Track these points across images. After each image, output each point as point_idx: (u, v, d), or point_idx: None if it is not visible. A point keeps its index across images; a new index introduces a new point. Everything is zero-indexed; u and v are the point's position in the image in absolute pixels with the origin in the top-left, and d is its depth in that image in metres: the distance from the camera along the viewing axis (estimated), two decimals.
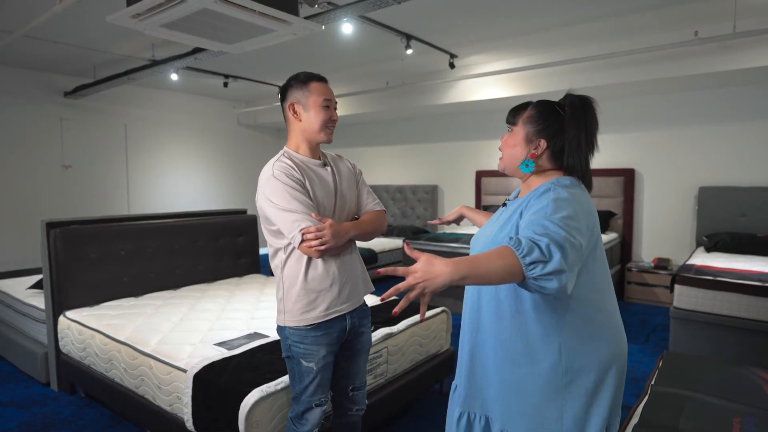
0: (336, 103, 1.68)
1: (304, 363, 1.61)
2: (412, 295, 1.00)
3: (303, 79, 1.63)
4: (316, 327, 1.60)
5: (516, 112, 1.35)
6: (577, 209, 1.17)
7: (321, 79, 1.65)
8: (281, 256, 1.63)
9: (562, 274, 1.02)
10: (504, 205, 1.39)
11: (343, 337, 1.68)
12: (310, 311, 1.59)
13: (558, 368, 1.22)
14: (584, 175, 1.29)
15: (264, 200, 1.57)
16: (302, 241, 1.50)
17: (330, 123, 1.63)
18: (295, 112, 1.63)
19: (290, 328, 1.61)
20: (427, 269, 0.99)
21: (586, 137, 1.27)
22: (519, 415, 1.27)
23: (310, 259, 1.58)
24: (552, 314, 1.21)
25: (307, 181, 1.60)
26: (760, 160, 4.50)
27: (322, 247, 1.50)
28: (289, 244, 1.58)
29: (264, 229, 1.65)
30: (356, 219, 1.75)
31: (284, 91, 1.66)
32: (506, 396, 1.28)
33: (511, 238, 1.06)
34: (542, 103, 1.34)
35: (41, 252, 2.83)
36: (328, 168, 1.69)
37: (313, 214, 1.52)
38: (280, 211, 1.53)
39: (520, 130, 1.32)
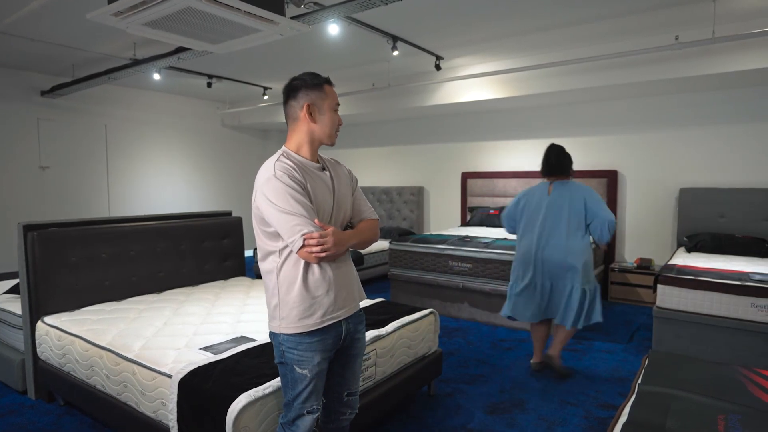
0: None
1: (298, 370, 1.56)
2: None
3: (318, 81, 1.60)
4: (311, 333, 1.55)
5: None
6: None
7: (331, 83, 1.66)
8: (275, 259, 1.57)
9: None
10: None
11: (339, 343, 1.64)
12: (307, 317, 1.54)
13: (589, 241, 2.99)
14: None
15: (263, 201, 1.51)
16: (302, 246, 1.47)
17: (338, 127, 1.66)
18: (310, 114, 1.59)
19: (285, 334, 1.57)
20: None
21: None
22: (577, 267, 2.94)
23: (308, 264, 1.54)
24: (585, 228, 2.97)
25: (308, 184, 1.55)
26: (738, 162, 4.61)
27: (323, 254, 1.48)
28: (285, 247, 1.54)
29: (258, 231, 1.59)
30: (350, 226, 1.72)
31: (295, 91, 1.60)
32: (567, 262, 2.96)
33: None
34: (560, 154, 3.06)
35: (18, 255, 2.74)
36: (327, 172, 1.66)
37: (315, 220, 1.50)
38: (280, 213, 1.48)
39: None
